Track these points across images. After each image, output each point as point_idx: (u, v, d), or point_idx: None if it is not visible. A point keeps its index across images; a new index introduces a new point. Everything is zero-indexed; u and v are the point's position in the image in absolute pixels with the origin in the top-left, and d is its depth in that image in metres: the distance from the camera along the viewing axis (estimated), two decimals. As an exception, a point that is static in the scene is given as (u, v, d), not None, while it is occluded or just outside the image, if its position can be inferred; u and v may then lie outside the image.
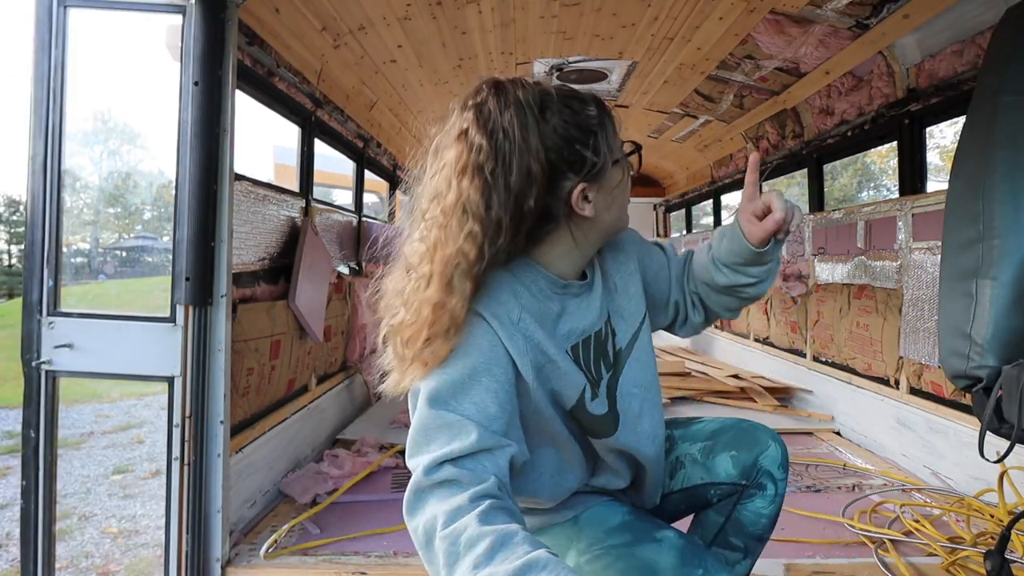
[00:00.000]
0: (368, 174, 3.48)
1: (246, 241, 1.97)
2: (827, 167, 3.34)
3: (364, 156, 3.32)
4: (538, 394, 0.86)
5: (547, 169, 0.82)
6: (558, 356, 0.88)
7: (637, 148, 0.93)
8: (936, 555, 1.62)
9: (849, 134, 2.85)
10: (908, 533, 1.74)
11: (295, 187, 2.45)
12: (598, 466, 1.01)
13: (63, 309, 1.48)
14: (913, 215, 2.37)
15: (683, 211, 5.84)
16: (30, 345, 1.47)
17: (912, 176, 2.42)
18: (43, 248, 1.47)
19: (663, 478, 1.08)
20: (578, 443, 0.96)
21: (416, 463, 0.74)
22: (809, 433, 2.88)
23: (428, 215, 0.83)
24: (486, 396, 0.77)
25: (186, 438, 1.47)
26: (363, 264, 3.29)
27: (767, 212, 0.90)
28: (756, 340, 3.95)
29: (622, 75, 3.16)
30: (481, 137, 0.80)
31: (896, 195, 2.51)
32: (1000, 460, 1.29)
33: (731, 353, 4.37)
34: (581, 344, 0.93)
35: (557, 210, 0.85)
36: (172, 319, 1.48)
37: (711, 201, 4.96)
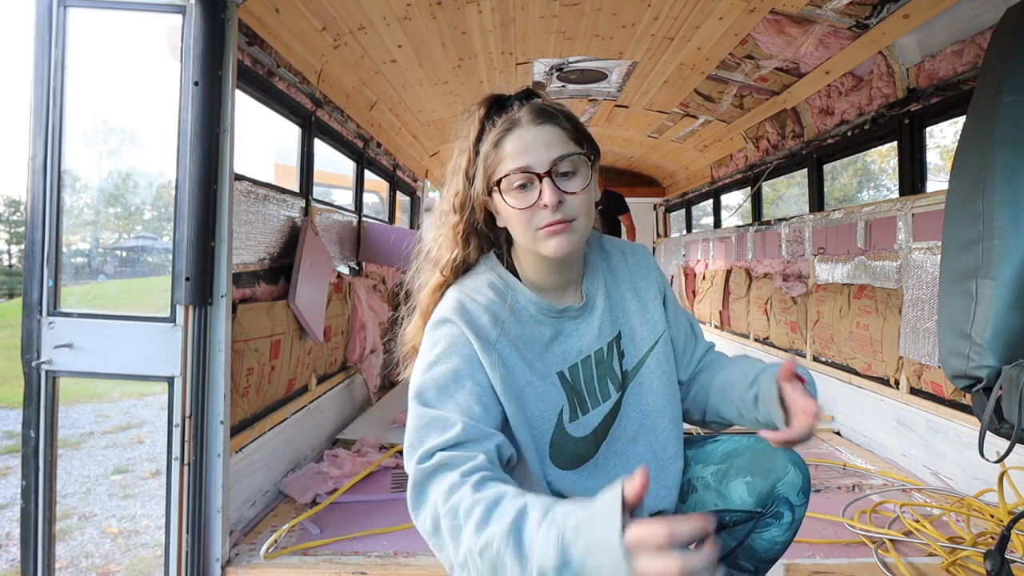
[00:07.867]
0: (368, 174, 3.48)
1: (246, 241, 1.97)
2: (827, 167, 3.34)
3: (364, 156, 3.32)
4: (511, 409, 0.88)
5: (467, 183, 0.96)
6: (538, 378, 0.91)
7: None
8: (936, 555, 1.62)
9: (849, 134, 2.86)
10: (908, 533, 1.74)
11: (295, 187, 2.45)
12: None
13: (63, 309, 1.48)
14: (913, 215, 2.37)
15: (683, 211, 5.84)
16: (30, 345, 1.47)
17: (912, 176, 2.42)
18: (43, 248, 1.47)
19: (673, 503, 1.02)
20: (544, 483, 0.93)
21: (411, 461, 0.78)
22: (809, 433, 2.88)
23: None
24: (470, 399, 0.83)
25: (186, 438, 1.47)
26: (363, 264, 3.29)
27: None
28: (756, 340, 3.94)
29: (622, 75, 3.16)
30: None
31: (896, 195, 2.51)
32: (1000, 460, 1.29)
33: (731, 353, 4.36)
34: (580, 364, 0.95)
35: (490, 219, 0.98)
36: (172, 319, 1.48)
37: (711, 201, 4.96)
